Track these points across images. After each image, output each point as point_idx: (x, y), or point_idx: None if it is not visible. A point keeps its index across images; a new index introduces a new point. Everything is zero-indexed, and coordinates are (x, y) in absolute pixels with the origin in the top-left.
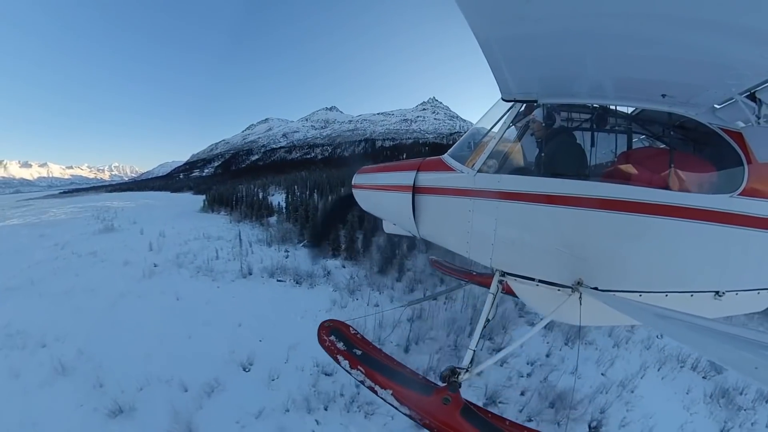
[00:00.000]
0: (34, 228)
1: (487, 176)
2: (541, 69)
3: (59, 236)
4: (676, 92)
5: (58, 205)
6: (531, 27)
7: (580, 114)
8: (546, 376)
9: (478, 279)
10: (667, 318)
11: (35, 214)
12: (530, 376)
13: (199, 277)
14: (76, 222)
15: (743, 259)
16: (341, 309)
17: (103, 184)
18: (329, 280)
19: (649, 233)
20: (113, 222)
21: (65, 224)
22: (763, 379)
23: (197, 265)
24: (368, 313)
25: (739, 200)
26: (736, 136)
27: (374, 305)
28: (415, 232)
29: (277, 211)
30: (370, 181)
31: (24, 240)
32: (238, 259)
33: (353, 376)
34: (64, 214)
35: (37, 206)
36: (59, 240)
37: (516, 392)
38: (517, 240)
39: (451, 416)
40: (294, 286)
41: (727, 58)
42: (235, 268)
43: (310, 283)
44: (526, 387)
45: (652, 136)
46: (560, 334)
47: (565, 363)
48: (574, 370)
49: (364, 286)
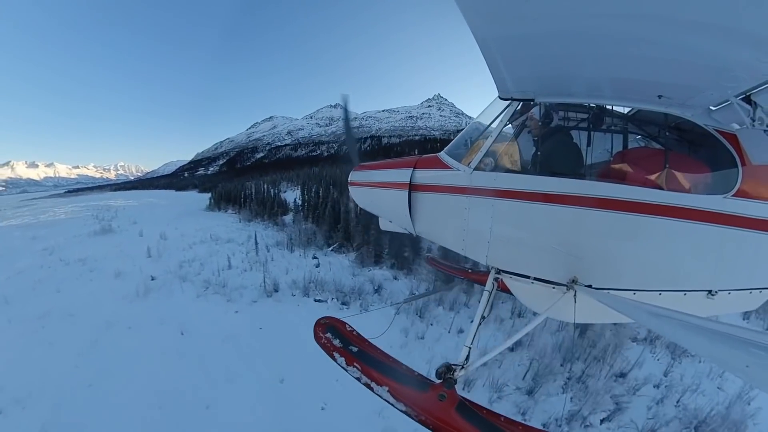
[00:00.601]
0: (29, 229)
1: (484, 174)
2: (538, 68)
3: (52, 239)
4: (672, 93)
5: (61, 204)
6: (529, 26)
7: (577, 113)
8: (678, 398)
9: (473, 276)
10: (661, 316)
11: (35, 214)
12: (663, 402)
13: (209, 297)
14: (73, 222)
15: (736, 259)
16: (419, 341)
17: (108, 183)
18: (382, 296)
19: (644, 232)
20: (111, 222)
21: (61, 225)
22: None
23: (205, 277)
24: (353, 313)
25: (732, 201)
26: (731, 137)
27: (457, 331)
28: (411, 229)
29: (292, 210)
30: (367, 178)
31: (15, 242)
32: (255, 268)
33: (350, 373)
34: (64, 213)
35: (40, 206)
36: (50, 243)
37: (661, 423)
38: (513, 238)
39: (447, 412)
40: (340, 308)
41: (723, 60)
42: (255, 282)
43: (361, 304)
44: (667, 415)
45: (648, 137)
46: (665, 350)
47: (683, 380)
48: (696, 387)
49: (431, 305)
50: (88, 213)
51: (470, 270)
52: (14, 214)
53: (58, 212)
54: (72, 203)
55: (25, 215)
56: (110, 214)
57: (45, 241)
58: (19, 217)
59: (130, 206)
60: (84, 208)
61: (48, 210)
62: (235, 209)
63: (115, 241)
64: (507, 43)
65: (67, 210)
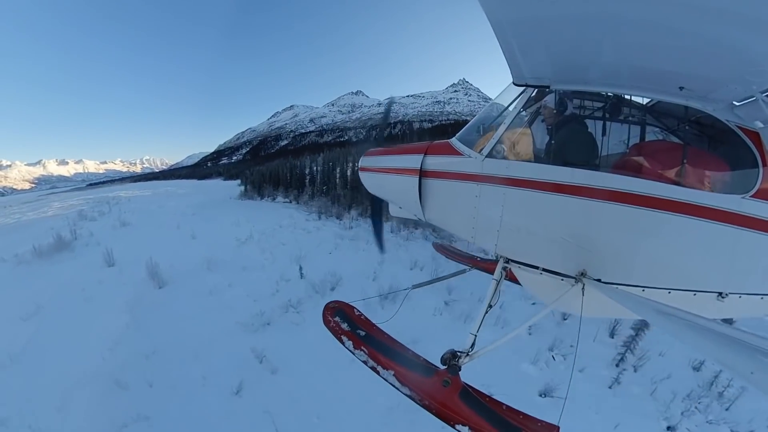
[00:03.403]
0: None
1: (495, 162)
2: (554, 54)
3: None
4: (694, 85)
5: (66, 198)
6: (546, 9)
7: (593, 102)
8: None
9: (482, 265)
10: (668, 315)
11: (24, 212)
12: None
13: None
14: (36, 228)
15: (750, 262)
16: None
17: (132, 175)
18: None
19: (657, 228)
20: (91, 222)
21: (15, 234)
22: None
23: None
24: (371, 296)
25: (751, 202)
26: (754, 136)
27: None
28: (421, 215)
29: None
30: (377, 163)
31: None
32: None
33: (356, 356)
34: (52, 211)
35: (46, 201)
36: None
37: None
38: (523, 227)
39: (450, 398)
40: None
41: (751, 53)
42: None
43: None
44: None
45: (666, 130)
46: None
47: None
48: None
49: None
50: (77, 210)
51: (479, 258)
52: (8, 213)
53: (48, 210)
54: (79, 196)
55: (14, 214)
56: (103, 208)
57: None
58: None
59: (139, 197)
60: (84, 202)
61: (45, 206)
62: (287, 196)
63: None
64: (522, 27)
65: (63, 205)
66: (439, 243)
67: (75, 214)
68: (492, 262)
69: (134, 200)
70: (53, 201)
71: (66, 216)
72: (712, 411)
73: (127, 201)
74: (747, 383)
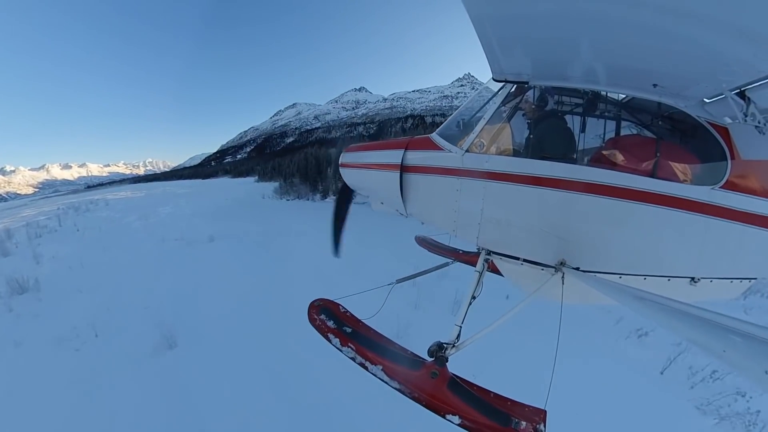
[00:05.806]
0: None
1: (476, 156)
2: (534, 50)
3: None
4: (667, 83)
5: (44, 204)
6: (526, 6)
7: (571, 98)
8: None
9: (464, 257)
10: (644, 300)
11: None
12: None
13: None
14: None
15: (719, 249)
16: None
17: (134, 177)
18: None
19: (631, 218)
20: None
21: None
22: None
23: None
24: (354, 292)
25: (720, 193)
26: (723, 131)
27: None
28: (402, 210)
29: None
30: (358, 159)
31: None
32: None
33: (344, 353)
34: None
35: (18, 210)
36: None
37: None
38: (503, 220)
39: (439, 389)
40: None
41: (721, 54)
42: None
43: None
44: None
45: (641, 125)
46: None
47: None
48: None
49: None
50: (26, 221)
51: (461, 251)
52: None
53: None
54: (64, 200)
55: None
56: (69, 220)
57: None
58: None
59: (123, 200)
60: (57, 208)
61: (5, 217)
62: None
63: None
64: (502, 23)
65: (30, 213)
66: (422, 237)
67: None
68: (474, 254)
69: (113, 205)
70: (26, 209)
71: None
72: None
73: (106, 205)
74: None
